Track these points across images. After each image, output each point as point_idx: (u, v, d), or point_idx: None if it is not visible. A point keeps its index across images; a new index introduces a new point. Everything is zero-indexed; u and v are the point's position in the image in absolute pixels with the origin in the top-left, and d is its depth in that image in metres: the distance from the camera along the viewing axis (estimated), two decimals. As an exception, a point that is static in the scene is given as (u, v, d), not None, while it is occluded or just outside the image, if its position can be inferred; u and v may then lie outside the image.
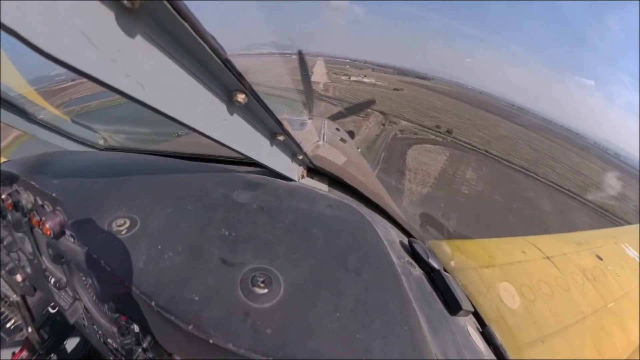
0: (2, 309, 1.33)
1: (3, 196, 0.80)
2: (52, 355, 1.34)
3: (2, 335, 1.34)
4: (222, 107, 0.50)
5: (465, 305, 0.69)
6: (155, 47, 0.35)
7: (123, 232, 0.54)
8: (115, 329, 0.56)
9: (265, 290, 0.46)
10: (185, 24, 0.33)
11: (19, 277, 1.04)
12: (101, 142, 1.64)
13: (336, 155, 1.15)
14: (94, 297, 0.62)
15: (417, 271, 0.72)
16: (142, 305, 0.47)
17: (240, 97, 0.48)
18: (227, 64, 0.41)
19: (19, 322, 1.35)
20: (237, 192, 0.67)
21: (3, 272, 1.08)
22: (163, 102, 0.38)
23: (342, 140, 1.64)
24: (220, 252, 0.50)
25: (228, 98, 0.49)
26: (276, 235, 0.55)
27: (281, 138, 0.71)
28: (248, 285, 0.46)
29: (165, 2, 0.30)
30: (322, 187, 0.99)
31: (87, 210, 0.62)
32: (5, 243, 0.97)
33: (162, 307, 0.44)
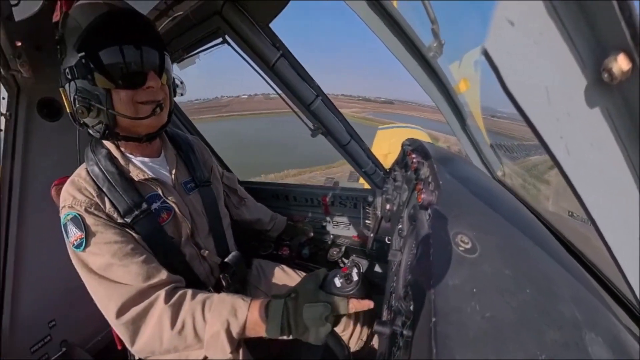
0: (370, 214, 2.31)
1: (415, 159, 1.21)
2: (364, 258, 2.14)
3: (362, 222, 2.38)
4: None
5: None
6: (608, 123, 0.30)
7: (460, 248, 0.59)
8: (400, 295, 0.72)
9: None
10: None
11: (387, 206, 1.64)
12: (499, 173, 1.75)
13: None
14: (408, 263, 0.82)
15: None
16: (425, 309, 0.52)
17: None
18: None
19: (371, 226, 2.30)
20: (593, 337, 0.41)
21: (383, 196, 1.77)
22: (578, 176, 0.35)
23: None
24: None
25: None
26: None
27: None
28: None
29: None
30: None
31: (450, 210, 0.75)
32: (396, 184, 1.55)
33: (436, 330, 0.45)
